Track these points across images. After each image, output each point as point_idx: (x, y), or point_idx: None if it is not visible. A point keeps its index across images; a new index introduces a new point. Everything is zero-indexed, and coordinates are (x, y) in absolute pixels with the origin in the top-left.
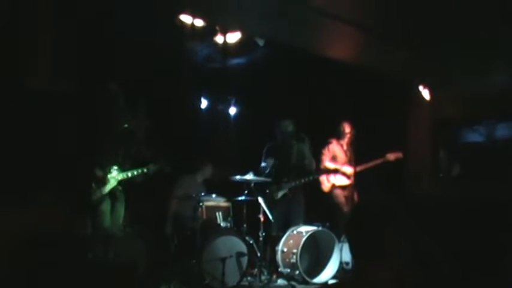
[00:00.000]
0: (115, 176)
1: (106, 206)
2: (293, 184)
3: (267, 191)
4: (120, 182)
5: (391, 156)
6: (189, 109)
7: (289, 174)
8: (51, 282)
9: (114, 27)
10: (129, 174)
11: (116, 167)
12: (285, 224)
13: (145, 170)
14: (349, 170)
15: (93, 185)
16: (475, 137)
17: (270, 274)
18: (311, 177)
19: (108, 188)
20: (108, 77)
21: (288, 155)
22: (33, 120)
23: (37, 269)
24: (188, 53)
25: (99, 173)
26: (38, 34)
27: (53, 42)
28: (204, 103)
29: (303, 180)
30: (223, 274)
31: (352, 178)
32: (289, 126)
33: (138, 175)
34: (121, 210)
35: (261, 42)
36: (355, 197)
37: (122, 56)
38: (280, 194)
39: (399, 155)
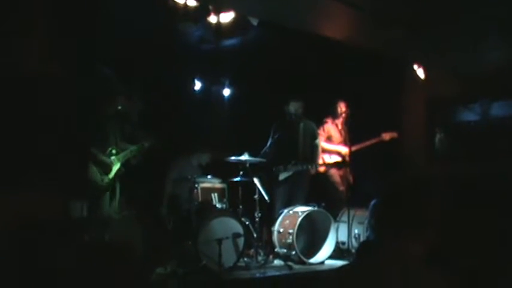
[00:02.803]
0: (116, 158)
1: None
2: (299, 168)
3: (273, 170)
4: (123, 164)
5: (386, 136)
6: (183, 91)
7: (295, 155)
8: (46, 267)
9: (107, 10)
10: (128, 154)
11: (114, 150)
12: (287, 205)
13: (143, 145)
14: (344, 149)
15: (98, 170)
16: (470, 115)
17: (267, 255)
18: (315, 165)
19: (113, 171)
20: (101, 60)
21: (294, 137)
22: (26, 104)
23: (31, 253)
24: (181, 34)
25: (101, 157)
26: (31, 17)
27: (46, 26)
28: (197, 85)
29: (307, 166)
30: (219, 255)
31: (347, 157)
32: (298, 107)
33: (134, 152)
34: (118, 192)
35: (254, 22)
36: (350, 177)
37: (115, 39)
38: (283, 175)
39: (394, 134)
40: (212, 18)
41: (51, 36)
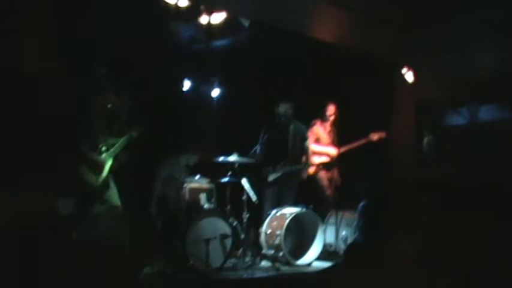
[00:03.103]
0: (107, 155)
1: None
2: (288, 169)
3: (262, 173)
4: (115, 160)
5: (374, 136)
6: (173, 90)
7: (286, 157)
8: (35, 266)
9: (98, 9)
10: (118, 147)
11: (104, 147)
12: (276, 206)
13: (131, 135)
14: (332, 151)
15: (90, 170)
16: (458, 119)
17: (254, 256)
18: (306, 166)
19: (106, 169)
20: (91, 58)
21: (284, 138)
22: (14, 102)
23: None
24: (173, 33)
25: (92, 156)
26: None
27: (36, 24)
28: (187, 84)
29: (298, 167)
30: (207, 255)
31: (335, 159)
32: (288, 109)
33: (124, 143)
34: (114, 190)
35: (246, 23)
36: (338, 179)
37: (106, 37)
38: (272, 177)
39: (382, 134)
40: (203, 19)
41: (41, 35)
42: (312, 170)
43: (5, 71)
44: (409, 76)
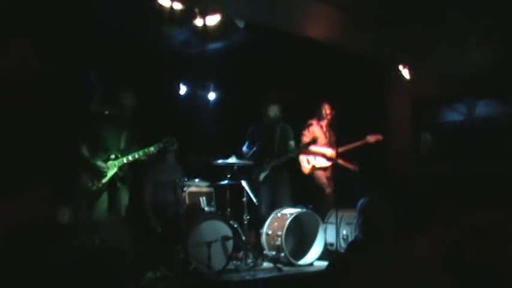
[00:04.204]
0: (114, 163)
1: (103, 195)
2: (274, 163)
3: (252, 175)
4: (120, 169)
5: (371, 138)
6: (168, 95)
7: (271, 155)
8: (35, 271)
9: (92, 12)
10: (130, 158)
11: (113, 155)
12: (272, 205)
13: (145, 152)
14: (329, 151)
15: (89, 175)
16: (454, 115)
17: (256, 257)
18: (291, 155)
19: (108, 176)
20: (85, 62)
21: (271, 138)
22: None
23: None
24: (167, 38)
25: (94, 162)
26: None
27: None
28: (183, 89)
29: (283, 158)
30: (209, 258)
31: (332, 160)
32: (276, 110)
33: (142, 156)
34: (125, 198)
35: (240, 25)
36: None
37: (100, 41)
38: (262, 175)
39: (379, 137)
40: (198, 21)
41: (35, 37)
42: (307, 170)
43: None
44: (405, 73)
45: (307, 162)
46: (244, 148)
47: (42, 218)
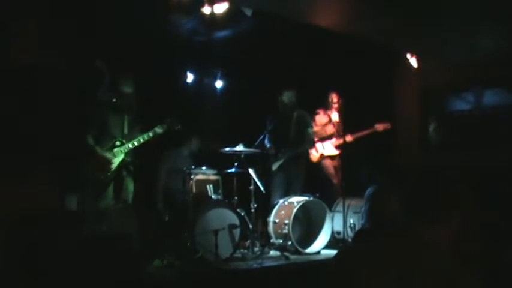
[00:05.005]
0: (120, 150)
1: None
2: (289, 154)
3: (265, 164)
4: (126, 155)
5: (379, 127)
6: (176, 83)
7: (287, 145)
8: (45, 259)
9: (100, 2)
10: (135, 143)
11: (118, 142)
12: (285, 194)
13: (150, 134)
14: (337, 140)
15: (96, 164)
16: (462, 104)
17: (263, 245)
18: (308, 146)
19: (115, 164)
20: (94, 53)
21: (287, 126)
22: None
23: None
24: (175, 26)
25: (100, 151)
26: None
27: (39, 17)
28: (190, 77)
29: (299, 149)
30: (216, 246)
31: (340, 148)
32: (291, 96)
33: (145, 141)
34: (130, 185)
35: (248, 12)
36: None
37: (107, 30)
38: (276, 165)
39: (388, 125)
40: (206, 9)
41: (43, 28)
42: (315, 158)
43: (6, 67)
44: (413, 62)
45: (315, 151)
46: (266, 142)
47: (51, 205)
